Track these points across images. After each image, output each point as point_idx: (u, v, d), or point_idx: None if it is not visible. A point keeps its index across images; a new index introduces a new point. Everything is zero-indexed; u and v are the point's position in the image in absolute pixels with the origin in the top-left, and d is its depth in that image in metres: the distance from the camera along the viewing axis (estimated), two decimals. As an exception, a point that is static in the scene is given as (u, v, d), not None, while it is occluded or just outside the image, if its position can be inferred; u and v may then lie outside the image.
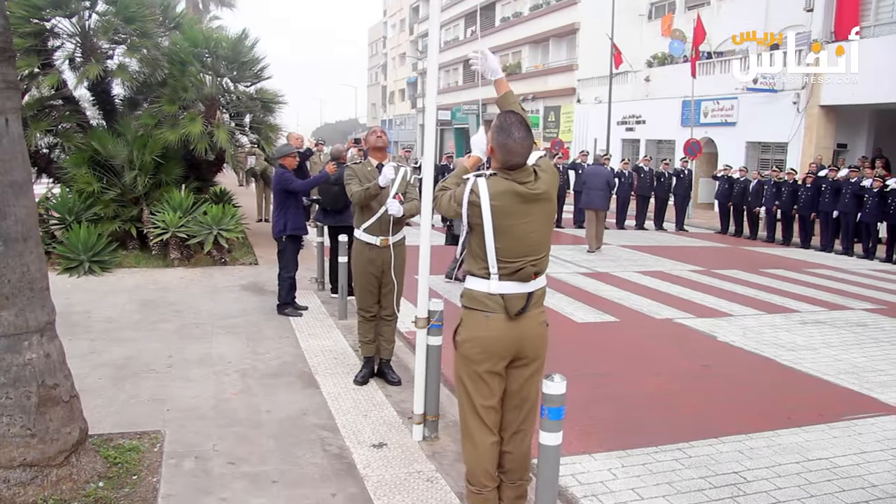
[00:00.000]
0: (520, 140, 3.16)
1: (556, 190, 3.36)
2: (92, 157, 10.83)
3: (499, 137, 3.18)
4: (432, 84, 4.49)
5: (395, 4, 67.01)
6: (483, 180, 3.20)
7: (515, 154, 3.17)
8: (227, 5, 39.61)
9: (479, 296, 3.26)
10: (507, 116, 3.24)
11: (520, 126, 3.18)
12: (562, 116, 36.13)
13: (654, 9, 31.56)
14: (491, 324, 3.23)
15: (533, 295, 3.26)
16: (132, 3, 10.93)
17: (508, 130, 3.16)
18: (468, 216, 3.23)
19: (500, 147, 3.18)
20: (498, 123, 3.21)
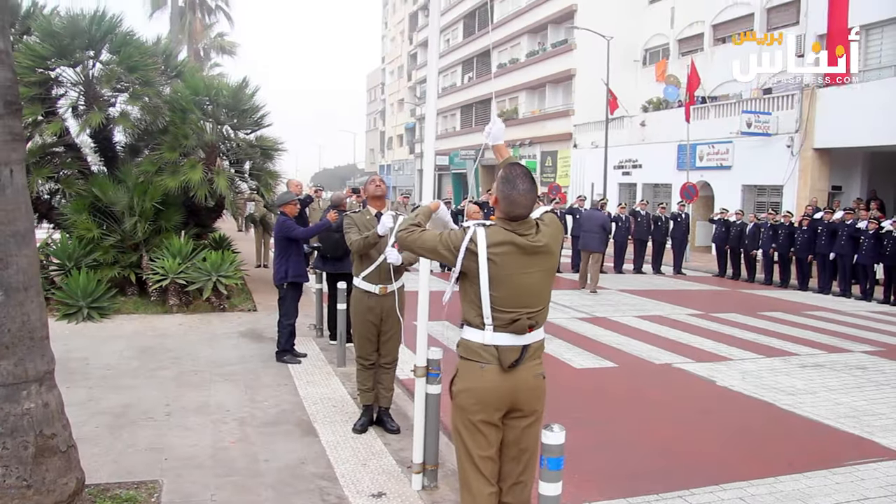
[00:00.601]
0: (524, 192, 3.18)
1: (558, 245, 3.36)
2: (93, 204, 10.90)
3: (503, 188, 3.20)
4: (430, 129, 4.55)
5: (393, 51, 68.01)
6: (483, 230, 3.22)
7: (519, 206, 3.19)
8: (228, 53, 40.27)
9: (474, 346, 3.26)
10: (512, 168, 3.26)
11: (524, 178, 3.21)
12: (559, 161, 36.43)
13: (649, 55, 32.11)
14: (485, 375, 3.21)
15: (528, 348, 3.23)
16: (135, 53, 11.10)
17: (513, 182, 3.19)
18: (464, 264, 3.25)
19: (504, 198, 3.21)
20: (504, 175, 3.24)
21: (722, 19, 27.68)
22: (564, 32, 36.41)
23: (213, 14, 39.10)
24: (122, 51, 11.02)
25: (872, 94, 19.78)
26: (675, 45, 30.41)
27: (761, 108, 23.51)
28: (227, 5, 38.90)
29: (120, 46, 11.07)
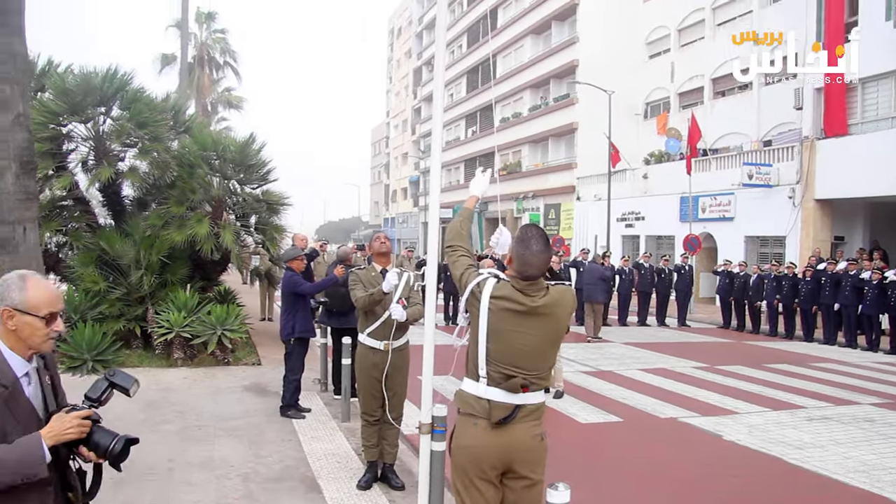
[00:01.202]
0: (537, 253, 3.22)
1: (563, 311, 3.31)
2: (100, 257, 10.99)
3: (517, 248, 3.25)
4: (435, 182, 4.60)
5: (397, 106, 68.95)
6: (493, 280, 3.26)
7: (531, 266, 3.22)
8: (235, 107, 40.88)
9: (469, 398, 3.27)
10: (528, 229, 3.32)
11: (539, 240, 3.25)
12: (562, 214, 36.62)
13: (650, 108, 32.51)
14: (477, 432, 3.20)
15: (522, 408, 3.20)
16: (145, 109, 11.32)
17: (528, 243, 3.23)
18: (467, 306, 3.31)
19: (517, 257, 3.25)
20: (519, 235, 3.30)
21: (721, 73, 28.07)
22: (566, 87, 36.94)
23: (221, 70, 39.79)
24: (132, 107, 11.24)
25: (871, 145, 20.00)
26: (675, 98, 30.81)
27: (762, 160, 23.74)
28: (235, 61, 39.63)
29: (130, 103, 11.30)
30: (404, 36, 67.27)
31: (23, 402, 2.35)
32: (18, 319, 2.33)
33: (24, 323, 2.34)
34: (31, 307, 2.35)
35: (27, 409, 2.36)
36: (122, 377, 2.49)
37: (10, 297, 2.34)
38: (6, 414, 2.27)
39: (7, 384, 2.30)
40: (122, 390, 2.49)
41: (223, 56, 39.40)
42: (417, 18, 61.62)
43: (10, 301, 2.34)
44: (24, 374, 2.37)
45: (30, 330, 2.36)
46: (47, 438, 2.28)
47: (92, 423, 2.40)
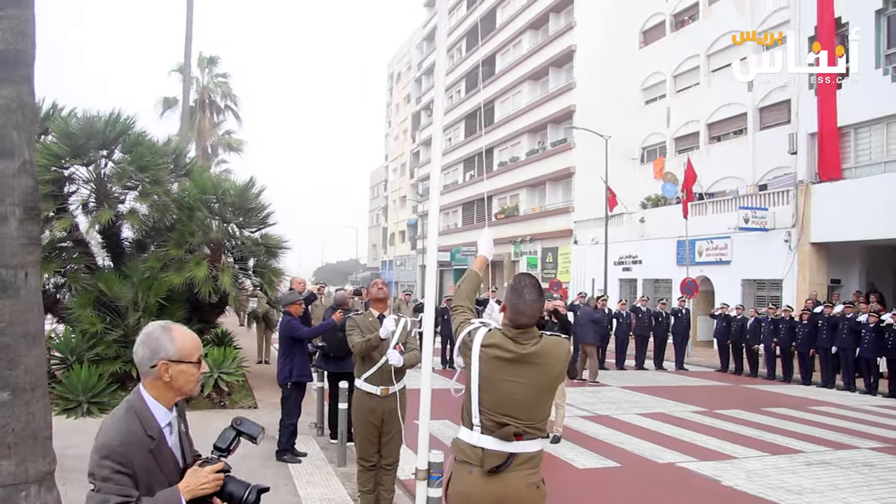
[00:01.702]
0: (530, 302, 3.27)
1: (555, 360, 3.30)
2: (97, 298, 11.00)
3: (511, 297, 3.30)
4: (433, 226, 4.65)
5: (396, 149, 69.57)
6: (484, 329, 3.30)
7: (524, 315, 3.26)
8: (235, 150, 41.22)
9: (464, 446, 3.27)
10: (522, 278, 3.38)
11: (532, 289, 3.30)
12: (559, 257, 36.73)
13: (646, 153, 32.84)
14: (472, 479, 3.20)
15: (517, 456, 3.19)
16: (147, 153, 11.44)
17: (521, 292, 3.29)
18: (461, 354, 3.34)
19: (510, 306, 3.30)
20: (513, 284, 3.35)
21: (716, 118, 28.44)
22: (563, 132, 37.37)
23: (221, 113, 40.23)
24: (134, 150, 11.36)
25: (865, 189, 20.22)
26: (671, 143, 31.13)
27: (758, 204, 23.93)
28: (236, 105, 40.07)
29: (132, 146, 11.43)
30: (403, 81, 68.16)
31: (167, 453, 2.39)
32: (174, 369, 2.39)
33: (179, 372, 2.40)
34: (185, 355, 2.42)
35: (171, 459, 2.41)
36: (249, 426, 2.52)
37: (164, 350, 2.38)
38: (153, 465, 2.31)
39: (154, 435, 2.34)
40: (249, 438, 2.52)
41: (224, 100, 39.87)
42: (416, 64, 62.50)
43: (166, 354, 2.38)
44: (166, 423, 2.41)
45: (185, 377, 2.42)
46: (185, 493, 2.31)
47: (225, 474, 2.42)
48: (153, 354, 2.37)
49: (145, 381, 2.41)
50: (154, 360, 2.37)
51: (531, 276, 3.42)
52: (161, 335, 2.41)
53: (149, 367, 2.38)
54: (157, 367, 2.36)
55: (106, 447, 2.24)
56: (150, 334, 2.41)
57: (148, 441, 2.31)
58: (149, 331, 2.43)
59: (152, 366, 2.37)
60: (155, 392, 2.40)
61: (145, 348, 2.39)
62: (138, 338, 2.41)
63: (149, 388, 2.40)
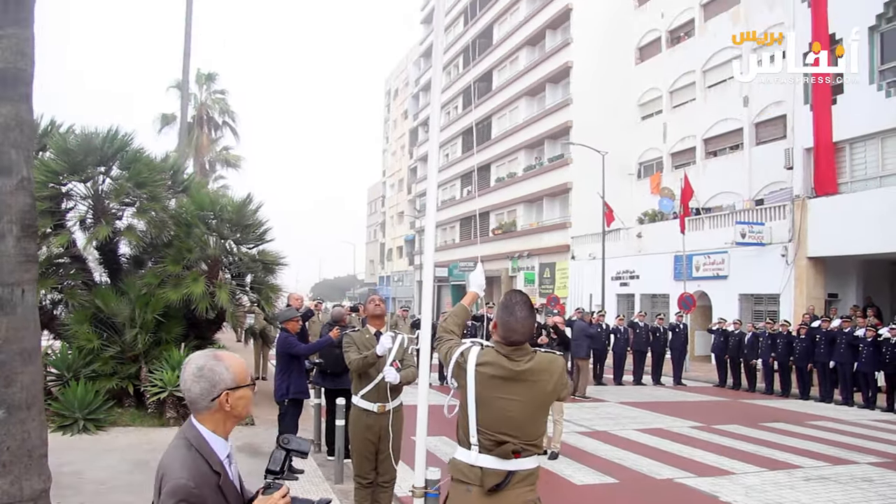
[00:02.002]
0: (521, 319, 3.27)
1: (549, 377, 3.31)
2: (94, 315, 10.99)
3: (502, 315, 3.29)
4: (430, 241, 4.67)
5: (393, 165, 69.72)
6: (477, 348, 3.30)
7: (515, 332, 3.27)
8: (232, 166, 41.31)
9: (462, 466, 3.26)
10: (513, 295, 3.37)
11: (523, 306, 3.30)
12: (557, 273, 36.74)
13: (643, 168, 32.95)
14: (470, 499, 3.19)
15: (515, 473, 3.20)
16: (144, 169, 11.46)
17: (512, 309, 3.29)
18: (455, 377, 3.33)
19: (502, 324, 3.30)
20: (503, 302, 3.35)
21: (712, 133, 28.56)
22: (560, 147, 37.50)
23: (219, 129, 40.35)
24: (132, 167, 11.38)
25: (860, 204, 20.29)
26: (668, 158, 31.24)
27: (754, 219, 23.98)
28: (234, 121, 40.21)
29: (130, 163, 11.45)
30: (401, 97, 68.41)
31: (230, 486, 2.34)
32: (233, 397, 2.34)
33: (238, 398, 2.35)
34: (241, 380, 2.37)
35: (235, 492, 2.36)
36: (297, 442, 2.47)
37: (223, 380, 2.33)
38: (221, 500, 2.27)
39: (218, 470, 2.29)
40: (299, 454, 2.47)
41: (222, 116, 40.01)
42: (414, 80, 62.77)
43: (225, 384, 2.33)
44: (226, 455, 2.36)
45: (243, 403, 2.38)
46: None
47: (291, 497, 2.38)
48: (213, 387, 2.31)
49: (201, 414, 2.34)
50: (215, 393, 2.31)
51: (522, 294, 3.43)
52: (215, 366, 2.34)
53: (209, 401, 2.31)
54: (218, 399, 2.31)
55: (181, 490, 2.17)
56: (204, 367, 2.33)
57: (214, 477, 2.26)
58: (200, 364, 2.34)
59: (213, 398, 2.31)
60: (213, 425, 2.34)
61: (204, 382, 2.31)
62: (188, 374, 2.33)
63: (206, 422, 2.34)
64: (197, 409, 2.34)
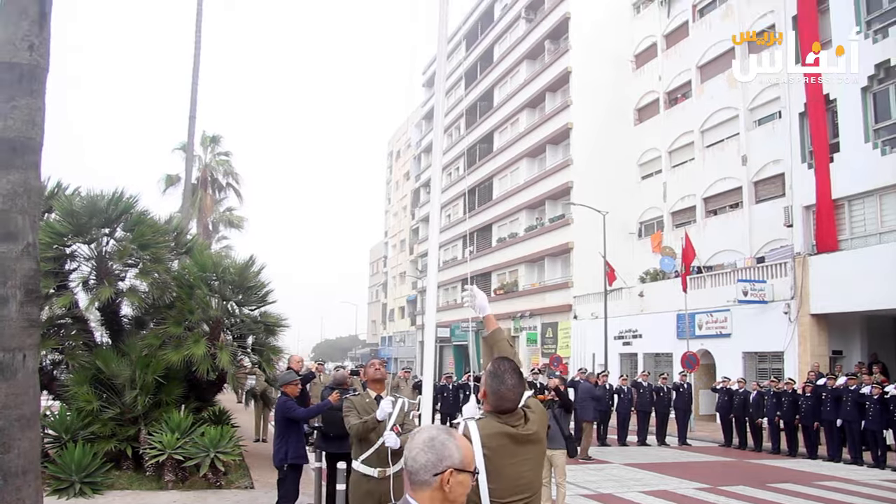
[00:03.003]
0: (512, 387, 3.30)
1: (545, 429, 3.45)
2: (94, 376, 10.96)
3: (492, 384, 3.32)
4: (431, 302, 4.70)
5: (395, 226, 70.09)
6: (474, 423, 3.29)
7: (507, 400, 3.30)
8: (235, 227, 41.58)
9: None
10: (500, 363, 3.40)
11: (513, 373, 3.34)
12: (559, 332, 36.59)
13: (644, 227, 33.16)
14: None
15: None
16: (148, 231, 11.57)
17: (502, 377, 3.32)
18: None
19: (493, 393, 3.32)
20: (492, 370, 3.37)
21: (712, 192, 28.83)
22: (561, 208, 37.73)
23: (223, 190, 40.72)
24: (136, 229, 11.50)
25: (861, 260, 20.37)
26: (668, 217, 31.45)
27: (756, 277, 24.00)
28: (238, 183, 40.58)
29: (134, 225, 11.57)
30: (403, 158, 69.17)
31: None
32: (455, 479, 2.24)
33: (458, 482, 2.25)
34: (467, 464, 2.28)
35: None
36: None
37: (451, 457, 2.24)
38: None
39: None
40: None
41: (226, 177, 40.41)
42: (416, 142, 63.54)
43: (452, 461, 2.24)
44: None
45: (462, 489, 2.27)
46: None
47: None
48: (439, 461, 2.23)
49: (419, 492, 2.25)
50: (440, 468, 2.22)
51: (510, 361, 3.45)
52: (447, 441, 2.26)
53: (431, 476, 2.22)
54: (441, 475, 2.22)
55: None
56: (436, 439, 2.27)
57: None
58: (433, 434, 2.28)
59: (436, 473, 2.22)
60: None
61: (431, 454, 2.23)
62: (417, 442, 2.27)
63: (422, 500, 2.25)
64: (415, 483, 2.26)
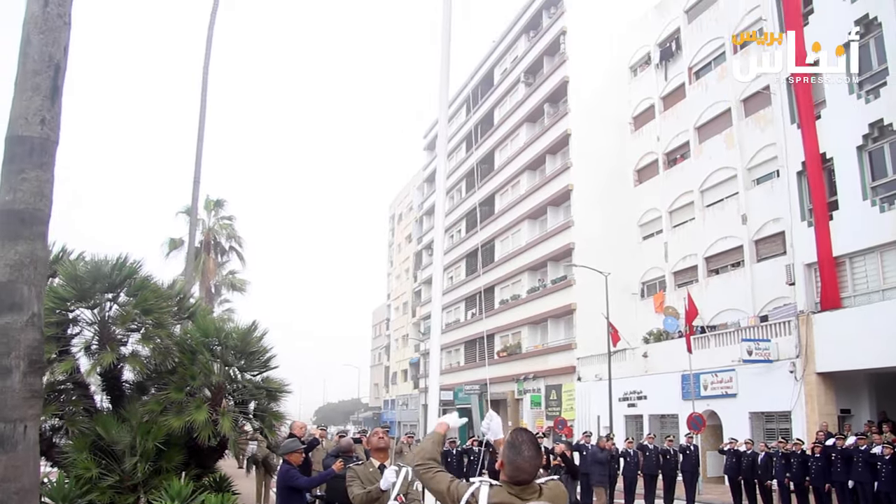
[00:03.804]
0: (529, 459, 3.29)
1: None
2: (94, 442, 10.82)
3: (509, 454, 3.31)
4: (435, 364, 4.71)
5: (398, 289, 70.11)
6: (486, 488, 3.28)
7: (523, 472, 3.29)
8: (238, 290, 41.63)
9: None
10: (519, 434, 3.39)
11: (530, 445, 3.33)
12: (563, 394, 36.26)
13: (646, 287, 33.20)
14: None
15: None
16: (151, 296, 11.57)
17: (519, 448, 3.31)
18: None
19: (509, 463, 3.31)
20: (510, 440, 3.36)
21: (713, 252, 28.95)
22: (563, 269, 37.80)
23: (226, 254, 40.90)
24: (139, 294, 11.50)
25: (865, 318, 20.31)
26: (670, 277, 31.50)
27: (760, 336, 23.91)
28: (241, 246, 40.79)
29: (138, 290, 11.57)
30: (405, 221, 69.63)
31: None
32: None
33: None
34: None
35: None
36: None
37: None
38: None
39: None
40: None
41: (229, 241, 40.63)
42: (417, 205, 64.08)
43: None
44: None
45: None
46: None
47: None
48: None
49: None
50: None
51: (528, 432, 3.45)
52: None
53: None
54: None
55: None
56: None
57: None
58: None
59: None
60: None
61: None
62: None
63: None
64: None
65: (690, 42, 31.88)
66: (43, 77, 4.30)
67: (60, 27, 4.64)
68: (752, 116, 27.67)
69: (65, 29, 4.74)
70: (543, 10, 42.70)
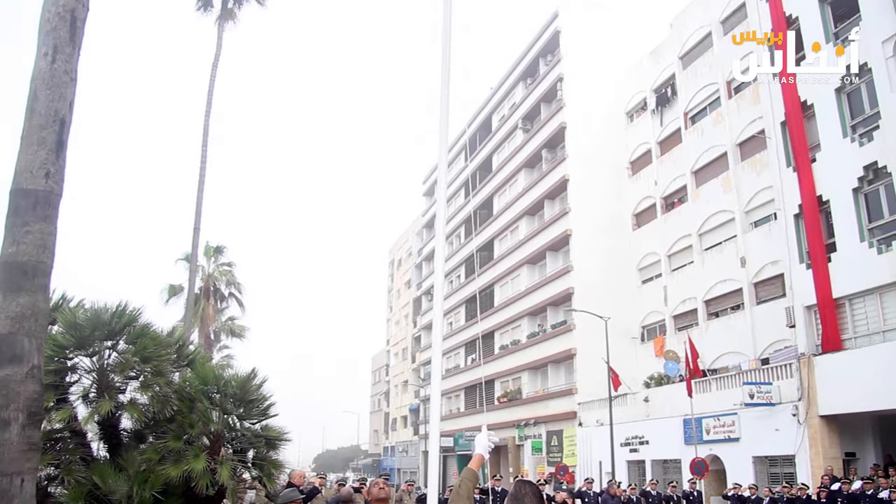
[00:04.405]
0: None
1: None
2: (90, 492, 10.70)
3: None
4: (435, 410, 4.70)
5: (397, 334, 69.85)
6: None
7: None
8: (237, 336, 41.51)
9: None
10: (522, 486, 3.42)
11: (534, 497, 3.35)
12: (565, 440, 35.90)
13: (646, 331, 33.13)
14: None
15: None
16: (150, 344, 11.54)
17: (522, 501, 3.33)
18: None
19: None
20: (513, 493, 3.39)
21: (712, 295, 28.95)
22: (563, 314, 37.71)
23: (225, 300, 40.85)
24: (138, 341, 11.47)
25: (867, 359, 20.20)
26: (670, 321, 31.44)
27: (761, 379, 23.76)
28: (240, 292, 40.75)
29: (137, 337, 11.54)
30: (404, 267, 69.68)
31: None
32: None
33: None
34: None
35: None
36: None
37: None
38: None
39: None
40: None
41: (228, 287, 40.61)
42: (417, 251, 64.20)
43: None
44: None
45: None
46: None
47: None
48: None
49: None
50: None
51: (532, 484, 3.47)
52: None
53: None
54: None
55: None
56: None
57: None
58: None
59: None
60: None
61: None
62: None
63: None
64: None
65: (685, 88, 32.36)
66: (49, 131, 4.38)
67: (67, 83, 4.74)
68: (748, 160, 27.94)
69: (71, 85, 4.84)
70: (540, 58, 43.30)
